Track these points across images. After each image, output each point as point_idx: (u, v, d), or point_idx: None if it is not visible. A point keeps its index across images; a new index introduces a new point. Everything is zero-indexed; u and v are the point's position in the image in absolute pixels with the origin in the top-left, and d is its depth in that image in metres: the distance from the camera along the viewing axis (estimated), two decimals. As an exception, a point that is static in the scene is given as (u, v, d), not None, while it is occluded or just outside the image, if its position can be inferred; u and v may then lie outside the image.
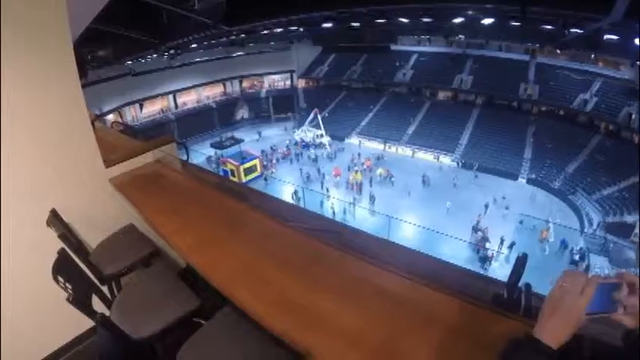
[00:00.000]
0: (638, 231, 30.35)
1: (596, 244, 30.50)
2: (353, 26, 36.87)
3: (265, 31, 38.24)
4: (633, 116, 38.62)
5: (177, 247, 3.43)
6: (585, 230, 32.54)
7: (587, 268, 27.99)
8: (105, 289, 4.16)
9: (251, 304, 2.66)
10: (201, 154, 44.33)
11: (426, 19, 30.48)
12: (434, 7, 25.97)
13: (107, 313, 3.13)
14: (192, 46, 43.20)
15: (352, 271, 3.00)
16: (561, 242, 30.44)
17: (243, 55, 57.23)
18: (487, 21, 27.92)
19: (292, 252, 3.27)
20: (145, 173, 5.21)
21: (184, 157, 6.01)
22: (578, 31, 25.39)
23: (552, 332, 1.38)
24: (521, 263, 2.61)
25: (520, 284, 2.56)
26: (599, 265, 28.40)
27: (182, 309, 3.27)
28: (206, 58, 55.26)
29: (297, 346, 2.32)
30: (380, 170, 40.15)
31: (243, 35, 39.36)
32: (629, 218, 32.12)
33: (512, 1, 21.59)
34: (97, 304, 3.63)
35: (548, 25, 27.16)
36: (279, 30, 38.92)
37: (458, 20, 28.60)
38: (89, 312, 2.98)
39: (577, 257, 29.11)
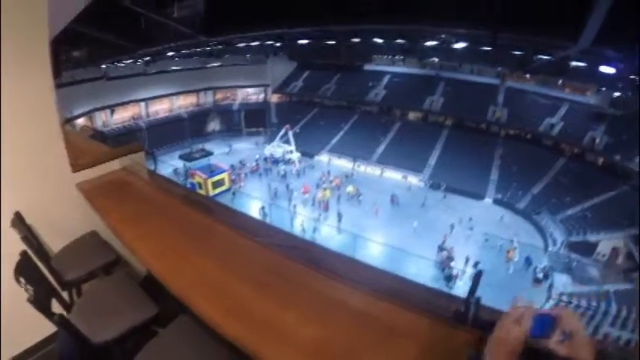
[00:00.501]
0: (601, 250, 31.51)
1: (559, 263, 31.13)
2: (329, 44, 37.07)
3: (242, 44, 38.17)
4: (597, 140, 39.70)
5: (138, 254, 3.46)
6: (549, 249, 33.06)
7: (551, 286, 28.56)
8: (65, 294, 4.14)
9: (207, 312, 2.68)
10: (170, 165, 43.72)
11: (400, 41, 30.77)
12: (408, 29, 26.19)
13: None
14: (169, 54, 42.84)
15: (313, 286, 3.03)
16: (526, 259, 30.94)
17: (218, 66, 56.99)
18: (459, 45, 28.32)
19: (254, 265, 3.29)
20: (112, 180, 5.13)
21: (152, 167, 5.90)
22: (547, 57, 25.91)
23: (496, 358, 1.55)
24: (476, 280, 2.73)
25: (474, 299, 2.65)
26: (563, 283, 29.00)
27: (140, 316, 3.35)
28: (181, 67, 54.75)
29: (251, 354, 2.35)
30: (349, 188, 39.97)
31: (220, 46, 39.17)
32: (592, 237, 32.97)
33: (484, 26, 21.80)
34: (58, 309, 3.64)
35: (518, 51, 27.70)
36: (256, 43, 38.91)
37: (431, 43, 28.91)
38: (48, 314, 2.94)
39: (541, 275, 29.51)
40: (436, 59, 48.66)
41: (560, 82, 45.04)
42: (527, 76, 45.67)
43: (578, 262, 31.10)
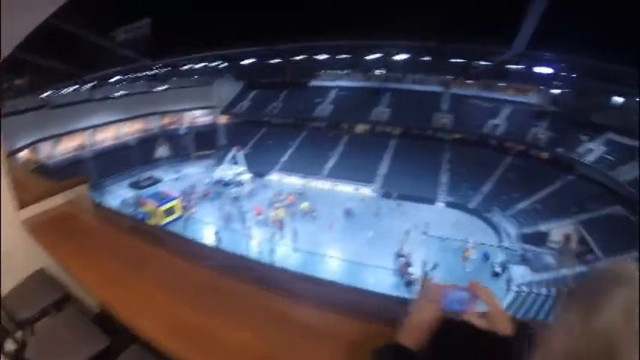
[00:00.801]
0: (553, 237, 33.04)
1: (515, 256, 31.99)
2: (273, 62, 37.07)
3: (187, 66, 37.72)
4: (540, 136, 41.26)
5: (87, 287, 3.50)
6: (504, 244, 33.87)
7: (509, 278, 29.18)
8: (19, 333, 4.04)
9: (151, 334, 2.69)
10: (118, 195, 42.66)
11: (343, 56, 31.00)
12: (351, 44, 26.44)
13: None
14: (114, 79, 41.80)
15: (264, 304, 3.02)
16: (483, 255, 31.55)
17: (164, 90, 55.71)
18: (401, 57, 28.74)
19: (196, 286, 3.31)
20: (58, 215, 4.87)
21: (98, 199, 5.60)
22: (486, 63, 26.57)
23: (410, 335, 1.58)
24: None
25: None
26: (521, 274, 29.69)
27: (92, 349, 3.34)
28: (127, 92, 53.16)
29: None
30: (303, 205, 39.67)
31: (165, 69, 38.58)
32: (544, 227, 34.26)
33: (424, 37, 22.21)
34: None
35: (459, 59, 28.32)
36: (201, 65, 38.51)
37: (374, 56, 29.26)
38: (4, 354, 3.05)
39: (498, 269, 30.07)
40: (380, 71, 49.27)
41: (503, 85, 46.53)
42: (470, 82, 46.77)
43: (533, 252, 32.04)
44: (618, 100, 37.70)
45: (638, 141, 32.25)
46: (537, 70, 27.31)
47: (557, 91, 41.99)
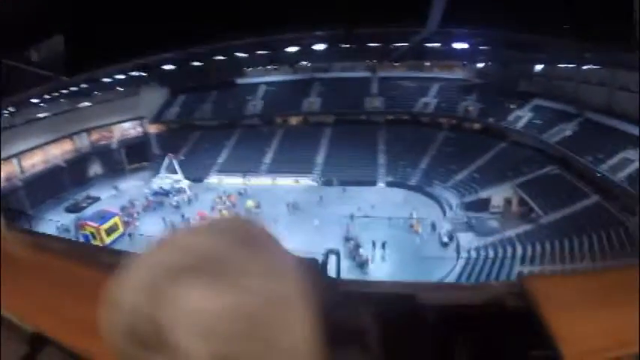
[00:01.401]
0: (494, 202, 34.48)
1: (460, 224, 32.88)
2: (196, 65, 36.41)
3: (108, 79, 36.52)
4: (470, 108, 42.39)
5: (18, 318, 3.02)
6: (447, 214, 34.69)
7: (458, 246, 29.94)
8: None
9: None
10: (53, 221, 41.01)
11: (261, 52, 30.73)
12: (267, 39, 26.15)
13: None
14: (33, 100, 39.89)
15: None
16: (431, 226, 32.65)
17: (89, 105, 53.93)
18: (319, 47, 28.71)
19: None
20: None
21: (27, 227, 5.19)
22: (404, 44, 26.86)
23: None
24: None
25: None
26: (469, 240, 30.55)
27: None
28: (50, 112, 50.68)
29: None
30: (248, 203, 39.67)
31: (84, 85, 37.22)
32: (484, 194, 35.44)
33: (338, 26, 22.18)
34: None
35: (376, 42, 28.51)
36: (121, 76, 37.37)
37: (292, 49, 29.13)
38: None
39: (446, 239, 30.96)
40: (305, 63, 49.18)
41: (428, 64, 47.55)
42: (395, 64, 47.38)
43: (477, 218, 32.97)
44: (539, 67, 39.31)
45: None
46: (456, 46, 27.78)
47: (480, 65, 43.20)
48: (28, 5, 12.29)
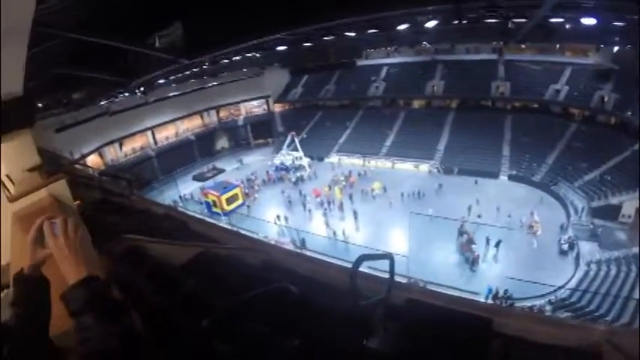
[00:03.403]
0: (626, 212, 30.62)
1: (584, 231, 30.33)
2: (311, 46, 36.79)
3: (225, 60, 38.00)
4: (605, 99, 38.95)
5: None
6: (571, 219, 32.35)
7: (578, 255, 27.97)
8: None
9: None
10: (184, 188, 44.43)
11: (373, 31, 30.33)
12: (376, 17, 25.73)
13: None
14: (160, 81, 42.84)
15: None
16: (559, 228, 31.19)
17: (217, 85, 57.27)
18: (431, 24, 27.74)
19: None
20: (39, 208, 4.92)
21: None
22: (522, 20, 25.13)
23: None
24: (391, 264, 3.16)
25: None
26: (590, 251, 28.27)
27: None
28: (180, 91, 54.83)
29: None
30: (376, 184, 39.81)
31: (205, 66, 39.12)
32: (614, 200, 32.13)
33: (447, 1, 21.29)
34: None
35: (490, 19, 26.95)
36: (237, 58, 38.68)
37: (403, 27, 28.44)
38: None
39: (566, 246, 28.91)
40: (427, 44, 47.50)
41: (558, 47, 44.65)
42: (523, 46, 44.88)
43: (603, 227, 30.25)
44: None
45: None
46: (585, 21, 24.94)
47: (617, 48, 39.15)
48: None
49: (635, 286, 23.48)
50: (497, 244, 28.64)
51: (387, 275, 3.40)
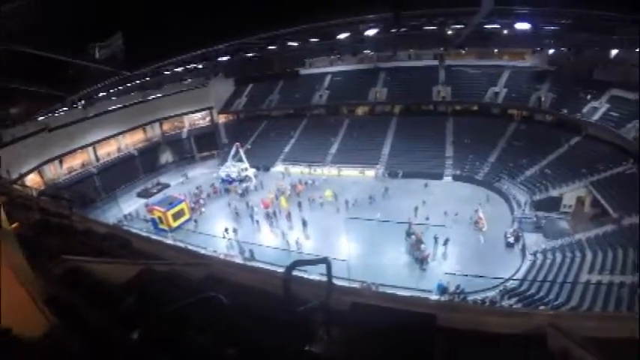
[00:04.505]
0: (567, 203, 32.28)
1: (528, 223, 31.34)
2: (255, 56, 36.56)
3: (167, 72, 37.30)
4: (542, 99, 40.58)
5: None
6: (516, 213, 33.32)
7: (524, 247, 28.79)
8: None
9: None
10: (128, 205, 43.20)
11: (313, 40, 30.42)
12: (317, 26, 25.81)
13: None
14: (101, 94, 41.47)
15: None
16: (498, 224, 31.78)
17: (159, 97, 55.34)
18: (371, 32, 28.02)
19: None
20: None
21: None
22: (460, 26, 25.67)
23: None
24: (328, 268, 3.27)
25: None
26: (535, 241, 29.21)
27: None
28: (122, 104, 52.46)
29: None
30: (327, 192, 39.71)
31: (147, 78, 38.23)
32: (555, 192, 33.53)
33: (386, 8, 21.50)
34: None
35: (429, 26, 27.39)
36: (179, 69, 38.03)
37: (344, 36, 28.62)
38: None
39: (512, 239, 29.76)
40: (369, 52, 48.06)
41: (496, 50, 46.06)
42: (462, 51, 45.81)
43: (546, 218, 31.56)
44: (615, 52, 36.22)
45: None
46: (519, 26, 25.82)
47: (551, 51, 40.78)
48: (87, 5, 12.74)
49: (580, 270, 24.68)
50: (445, 242, 29.17)
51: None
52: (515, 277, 26.00)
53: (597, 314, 13.05)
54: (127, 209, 42.85)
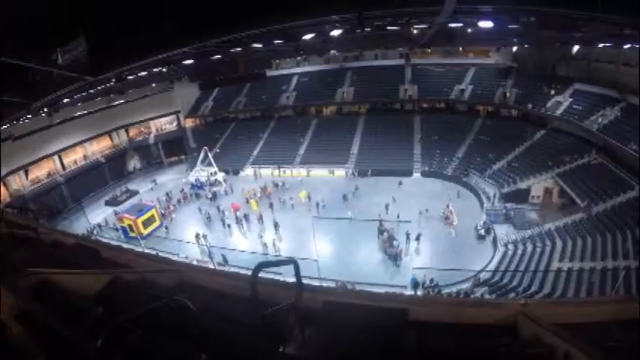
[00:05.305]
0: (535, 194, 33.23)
1: (498, 215, 31.99)
2: (220, 58, 36.25)
3: (131, 76, 36.68)
4: (507, 94, 41.31)
5: None
6: (485, 206, 33.94)
7: (495, 239, 29.50)
8: None
9: None
10: (96, 215, 42.30)
11: (278, 41, 30.35)
12: (280, 27, 25.72)
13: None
14: (65, 100, 40.50)
15: None
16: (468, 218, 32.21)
17: (125, 102, 53.87)
18: (336, 32, 28.07)
19: None
20: None
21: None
22: (423, 26, 25.92)
23: None
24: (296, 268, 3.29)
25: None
26: (506, 233, 29.92)
27: None
28: (87, 110, 50.50)
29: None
30: (302, 193, 39.63)
31: (112, 83, 37.53)
32: (522, 184, 34.40)
33: (350, 10, 21.46)
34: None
35: (394, 26, 27.58)
36: (143, 73, 37.46)
37: (309, 37, 28.63)
38: None
39: (483, 231, 30.36)
40: (335, 52, 48.16)
41: (461, 49, 46.54)
42: (428, 50, 46.26)
43: (515, 210, 32.21)
44: (577, 48, 37.19)
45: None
46: (482, 24, 26.16)
47: (515, 48, 41.58)
48: (50, 8, 12.45)
49: (551, 259, 25.39)
50: (417, 238, 29.46)
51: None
52: (487, 269, 26.49)
53: (568, 300, 13.36)
54: (96, 218, 41.86)
